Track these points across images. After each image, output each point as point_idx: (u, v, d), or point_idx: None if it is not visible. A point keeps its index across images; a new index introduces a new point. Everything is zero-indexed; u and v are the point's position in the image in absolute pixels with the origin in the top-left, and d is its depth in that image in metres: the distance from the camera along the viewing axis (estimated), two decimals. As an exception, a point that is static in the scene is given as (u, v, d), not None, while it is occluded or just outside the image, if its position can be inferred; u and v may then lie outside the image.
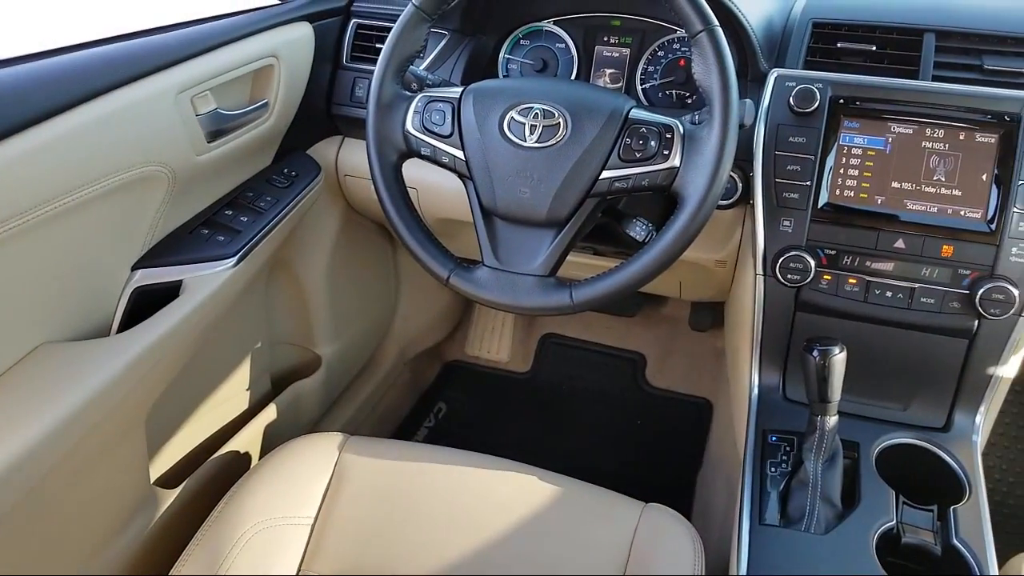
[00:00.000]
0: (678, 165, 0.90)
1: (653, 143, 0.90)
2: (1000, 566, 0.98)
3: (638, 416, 1.96)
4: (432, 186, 1.31)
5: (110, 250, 1.03)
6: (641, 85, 1.29)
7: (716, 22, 0.88)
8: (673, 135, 0.90)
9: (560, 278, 0.96)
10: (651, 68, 1.28)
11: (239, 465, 1.31)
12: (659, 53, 1.27)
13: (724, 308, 1.56)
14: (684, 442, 1.85)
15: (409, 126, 0.99)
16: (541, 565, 0.97)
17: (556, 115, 0.93)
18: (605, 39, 1.31)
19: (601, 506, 1.04)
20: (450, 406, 2.01)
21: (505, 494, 1.04)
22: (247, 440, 1.35)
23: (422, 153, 0.99)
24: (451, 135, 0.97)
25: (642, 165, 0.91)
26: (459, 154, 0.97)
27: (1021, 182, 0.97)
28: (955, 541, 0.92)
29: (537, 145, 0.93)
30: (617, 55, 1.30)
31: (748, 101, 0.96)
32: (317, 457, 1.10)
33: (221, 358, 1.30)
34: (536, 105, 0.94)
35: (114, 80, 0.94)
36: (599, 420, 1.97)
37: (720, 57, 0.87)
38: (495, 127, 0.94)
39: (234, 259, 1.12)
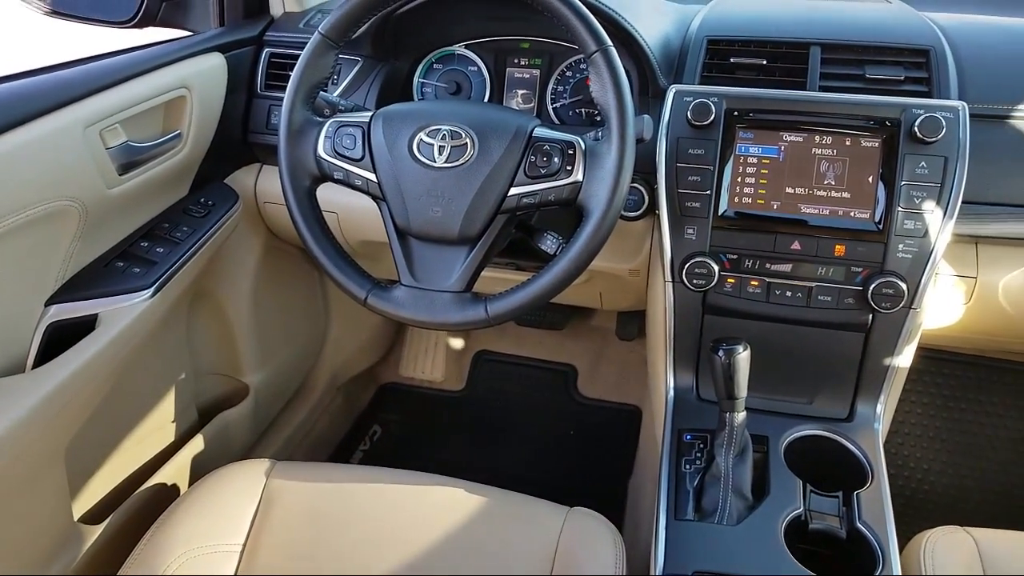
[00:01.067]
0: (581, 179, 0.94)
1: (557, 159, 0.94)
2: (907, 545, 1.04)
3: (571, 426, 2.00)
4: (353, 209, 1.33)
5: (22, 286, 1.02)
6: (552, 104, 1.33)
7: (609, 42, 0.92)
8: (575, 151, 0.94)
9: (476, 293, 0.98)
10: (560, 88, 1.33)
11: (166, 497, 1.30)
12: (567, 73, 1.32)
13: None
14: (616, 449, 1.89)
15: (321, 151, 1.01)
16: (470, 573, 0.99)
17: (463, 135, 0.96)
18: (516, 61, 1.35)
19: (527, 513, 1.06)
20: (386, 428, 2.01)
21: (433, 508, 1.06)
22: (174, 472, 1.33)
23: (335, 177, 1.01)
24: (362, 158, 0.99)
25: (547, 181, 0.94)
26: (371, 176, 0.99)
27: (903, 183, 1.03)
28: (859, 524, 0.97)
29: (446, 165, 0.96)
30: (528, 76, 1.35)
31: (646, 117, 1.01)
32: (244, 484, 1.10)
33: (143, 390, 1.28)
34: (444, 126, 0.97)
35: (17, 116, 0.94)
36: (534, 432, 2.00)
37: (614, 76, 0.92)
38: (405, 149, 0.97)
39: (150, 290, 1.11)
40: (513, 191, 0.95)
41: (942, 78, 1.11)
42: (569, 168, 0.94)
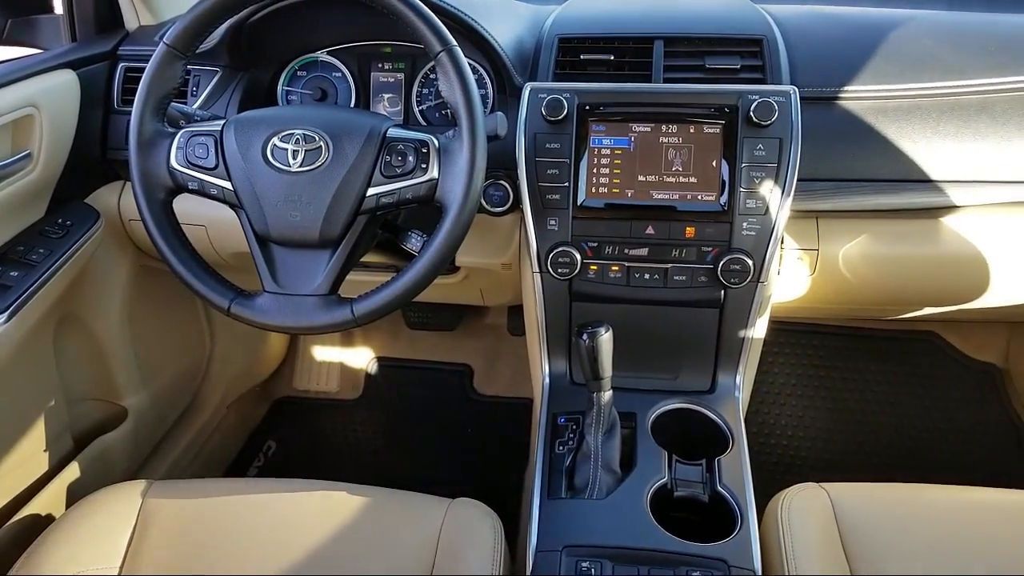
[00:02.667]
0: (437, 176, 0.96)
1: (411, 158, 0.96)
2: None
3: (469, 425, 2.02)
4: (221, 222, 1.31)
5: None
6: (418, 107, 1.35)
7: (454, 42, 0.95)
8: (429, 149, 0.97)
9: (342, 296, 1.00)
10: (425, 91, 1.35)
11: (40, 528, 1.24)
12: (431, 75, 1.34)
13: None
14: (513, 441, 1.92)
15: (173, 162, 1.00)
16: (353, 573, 0.99)
17: (317, 139, 0.97)
18: (380, 66, 1.36)
19: (409, 508, 1.07)
20: (281, 443, 1.99)
21: (314, 512, 1.06)
22: (49, 502, 1.28)
23: (190, 187, 1.00)
24: (216, 167, 0.99)
25: (404, 180, 0.97)
26: (227, 185, 0.99)
27: (744, 165, 1.10)
28: (720, 488, 1.03)
29: (302, 169, 0.97)
30: (393, 80, 1.36)
31: (499, 113, 1.05)
32: (119, 507, 1.07)
33: (8, 418, 1.23)
34: (296, 131, 0.98)
35: None
36: (432, 434, 2.02)
37: (460, 74, 0.95)
38: (259, 155, 0.97)
39: (4, 315, 1.07)
40: (371, 191, 0.97)
41: (774, 65, 1.19)
42: (424, 166, 0.96)
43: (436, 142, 0.98)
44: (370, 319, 0.98)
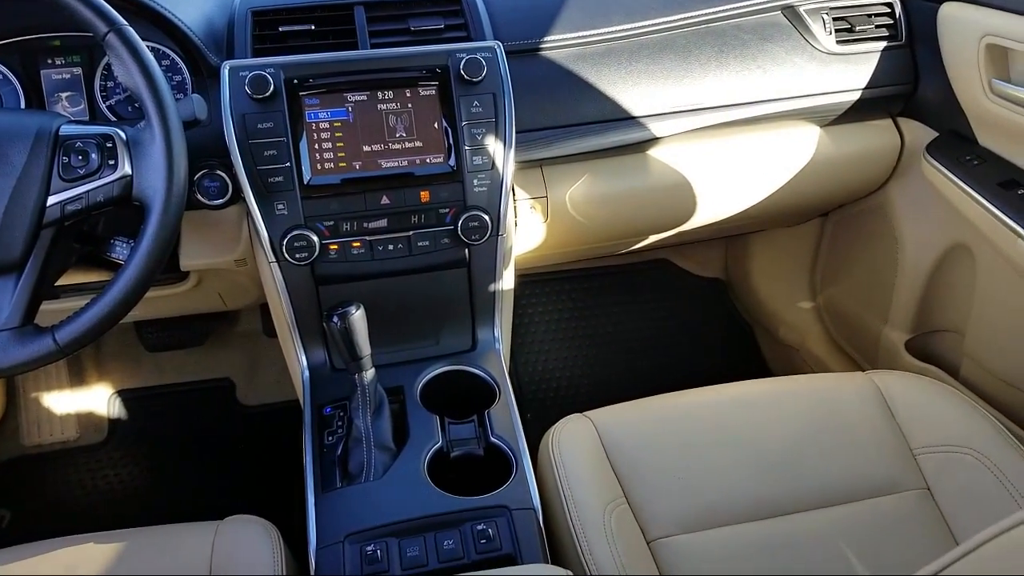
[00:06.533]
0: (130, 172, 0.87)
1: (94, 156, 0.86)
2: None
3: (240, 441, 1.89)
4: None
5: None
6: (104, 103, 1.20)
7: (122, 21, 0.85)
8: (115, 143, 0.87)
9: (39, 325, 0.86)
10: (110, 83, 1.20)
11: None
12: (113, 65, 1.20)
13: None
14: (289, 446, 1.83)
15: None
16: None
17: None
18: (49, 61, 1.19)
19: (172, 541, 0.98)
20: (16, 510, 1.72)
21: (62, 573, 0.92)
22: None
23: None
24: None
25: (89, 181, 0.86)
26: None
27: (464, 123, 1.10)
28: (493, 439, 1.04)
29: None
30: (68, 76, 1.20)
31: (195, 96, 0.96)
32: None
33: None
34: None
35: None
36: (201, 459, 1.86)
37: (136, 55, 0.86)
38: None
39: None
40: (52, 200, 0.85)
41: (476, 22, 1.21)
42: (112, 163, 0.86)
43: (123, 135, 0.87)
44: (80, 345, 0.86)
